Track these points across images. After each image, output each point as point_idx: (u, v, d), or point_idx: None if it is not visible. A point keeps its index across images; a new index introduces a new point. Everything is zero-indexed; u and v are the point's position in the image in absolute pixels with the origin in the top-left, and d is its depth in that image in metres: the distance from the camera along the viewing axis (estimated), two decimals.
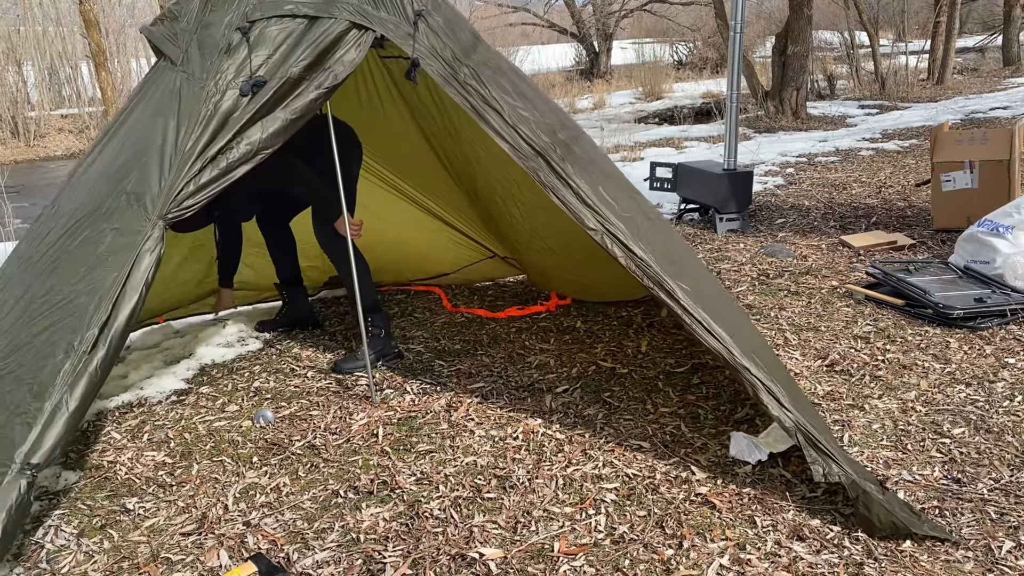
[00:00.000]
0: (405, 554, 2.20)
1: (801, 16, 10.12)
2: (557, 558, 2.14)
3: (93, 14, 10.82)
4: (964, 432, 2.68)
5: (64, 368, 2.14)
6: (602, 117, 13.40)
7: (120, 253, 2.29)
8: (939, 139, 5.06)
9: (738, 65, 5.52)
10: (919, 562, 2.05)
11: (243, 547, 2.26)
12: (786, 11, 11.07)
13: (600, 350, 3.49)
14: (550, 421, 2.88)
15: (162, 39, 2.60)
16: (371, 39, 2.57)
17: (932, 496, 2.34)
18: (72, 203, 2.52)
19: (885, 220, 5.47)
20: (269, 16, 2.52)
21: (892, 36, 19.31)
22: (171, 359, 3.63)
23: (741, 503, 2.33)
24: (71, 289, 2.26)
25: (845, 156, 8.16)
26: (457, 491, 2.48)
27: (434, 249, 4.45)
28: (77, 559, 2.25)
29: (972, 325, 3.52)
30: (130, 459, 2.79)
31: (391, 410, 3.04)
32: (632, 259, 2.43)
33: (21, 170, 12.37)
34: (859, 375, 3.13)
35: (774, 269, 4.52)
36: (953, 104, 11.86)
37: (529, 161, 2.51)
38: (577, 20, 22.32)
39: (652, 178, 6.17)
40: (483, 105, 2.52)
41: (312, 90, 2.50)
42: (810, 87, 12.48)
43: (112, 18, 15.80)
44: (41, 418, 2.09)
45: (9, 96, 15.03)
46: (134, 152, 2.45)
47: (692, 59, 20.98)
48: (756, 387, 2.30)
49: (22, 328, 2.26)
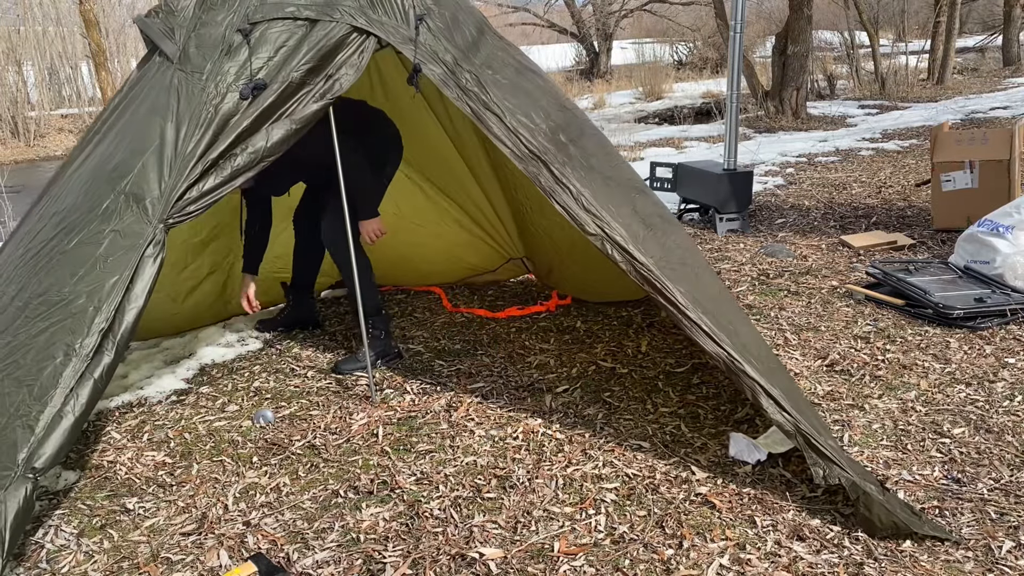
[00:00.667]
0: (405, 554, 2.20)
1: (801, 16, 10.11)
2: (557, 558, 2.15)
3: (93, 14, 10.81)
4: (964, 432, 2.68)
5: (65, 371, 2.14)
6: (602, 117, 13.39)
7: (120, 256, 2.28)
8: (939, 139, 5.06)
9: (738, 65, 5.52)
10: (919, 562, 2.05)
11: (243, 547, 2.26)
12: (786, 11, 11.07)
13: (600, 350, 3.49)
14: (550, 421, 2.88)
15: (159, 34, 2.56)
16: (373, 44, 2.56)
17: (932, 496, 2.34)
18: (65, 201, 2.49)
19: (885, 220, 5.47)
20: (270, 18, 2.51)
21: (892, 36, 19.32)
22: (171, 359, 3.63)
23: (741, 503, 2.34)
24: (70, 290, 2.25)
25: (845, 156, 8.16)
26: (457, 491, 2.48)
27: (466, 250, 4.42)
28: (77, 559, 2.25)
29: (972, 325, 3.52)
30: (130, 459, 2.79)
31: (391, 410, 3.04)
32: (631, 263, 2.43)
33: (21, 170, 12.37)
34: (859, 375, 3.13)
35: (774, 269, 4.52)
36: (953, 104, 11.86)
37: (530, 166, 2.50)
38: (577, 20, 22.32)
39: (652, 178, 6.17)
40: (483, 110, 2.51)
41: (315, 100, 2.49)
42: (810, 87, 12.48)
43: (112, 18, 15.81)
44: (43, 421, 2.08)
45: (9, 96, 15.03)
46: (131, 151, 2.43)
47: (692, 59, 20.98)
48: (755, 391, 2.30)
49: (20, 328, 2.25)
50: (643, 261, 2.42)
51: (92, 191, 2.43)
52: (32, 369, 2.16)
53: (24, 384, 2.14)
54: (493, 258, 4.46)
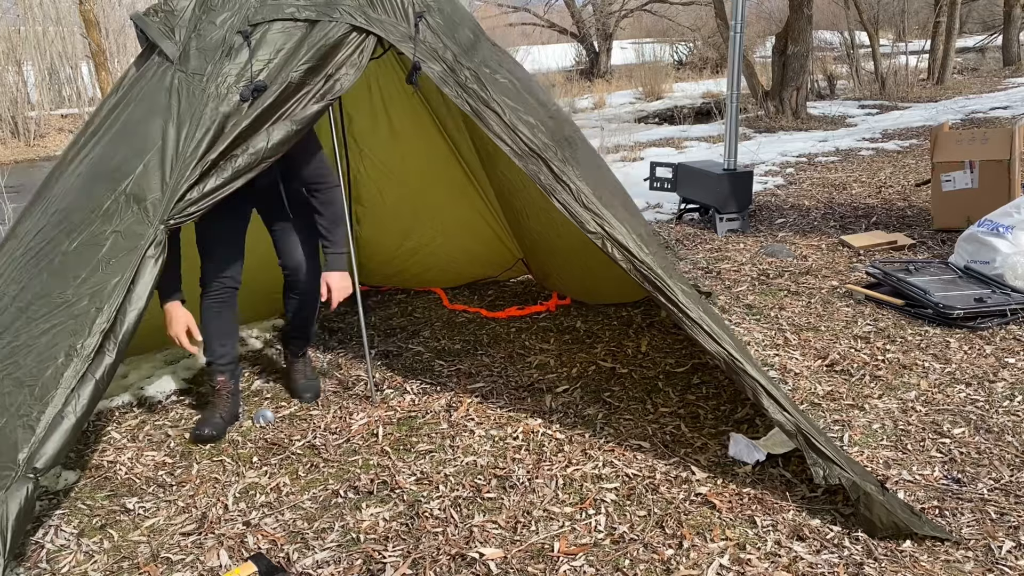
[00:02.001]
0: (405, 554, 2.20)
1: (801, 16, 10.11)
2: (557, 558, 2.15)
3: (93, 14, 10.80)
4: (964, 432, 2.68)
5: (66, 372, 2.14)
6: (602, 117, 13.39)
7: (122, 257, 2.28)
8: (939, 139, 5.06)
9: (738, 65, 5.52)
10: (919, 562, 2.06)
11: (243, 547, 2.26)
12: (786, 11, 11.07)
13: (600, 350, 3.49)
14: (550, 421, 2.88)
15: (159, 33, 2.55)
16: (373, 43, 2.55)
17: (932, 496, 2.34)
18: (65, 200, 2.49)
19: (885, 220, 5.47)
20: (271, 19, 2.51)
21: (892, 36, 19.30)
22: (171, 359, 3.63)
23: (741, 503, 2.34)
24: (72, 291, 2.25)
25: (845, 156, 8.16)
26: (457, 491, 2.48)
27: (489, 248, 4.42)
28: (77, 559, 2.25)
29: (972, 325, 3.52)
30: (130, 459, 2.79)
31: (391, 410, 3.04)
32: (632, 262, 2.43)
33: (21, 170, 12.35)
34: (859, 375, 3.13)
35: (774, 269, 4.52)
36: (953, 104, 11.86)
37: (529, 164, 2.50)
38: (577, 20, 22.31)
39: (652, 178, 6.17)
40: (483, 107, 2.51)
41: (315, 100, 2.49)
42: (810, 87, 12.47)
43: (112, 18, 15.79)
44: (43, 421, 2.09)
45: (9, 96, 15.02)
46: (132, 151, 2.42)
47: (692, 59, 20.97)
48: (756, 390, 2.30)
49: (21, 329, 2.25)
50: (644, 260, 2.42)
51: (92, 191, 2.42)
52: (33, 369, 2.16)
53: (25, 384, 2.14)
54: (505, 257, 4.46)
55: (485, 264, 4.42)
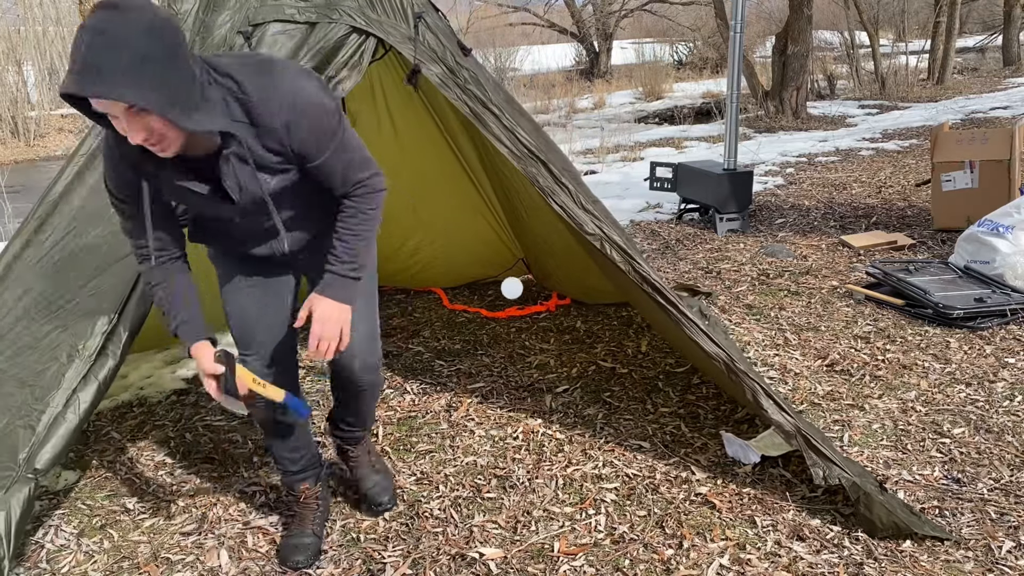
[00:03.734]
0: (405, 554, 2.20)
1: (801, 16, 10.11)
2: (557, 558, 2.15)
3: None
4: (964, 432, 2.68)
5: (68, 373, 2.15)
6: (602, 117, 13.39)
7: (124, 260, 2.29)
8: (939, 139, 5.06)
9: (738, 65, 5.52)
10: (919, 562, 2.06)
11: (243, 547, 2.26)
12: (786, 11, 11.07)
13: (600, 350, 3.49)
14: (550, 421, 2.88)
15: None
16: (373, 44, 2.55)
17: (932, 496, 2.34)
18: (71, 204, 2.50)
19: (885, 220, 5.47)
20: (271, 20, 2.51)
21: (892, 36, 19.29)
22: (171, 359, 3.63)
23: (741, 503, 2.34)
24: (76, 293, 2.26)
25: (845, 156, 8.16)
26: (457, 491, 2.48)
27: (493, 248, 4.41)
28: (77, 559, 2.25)
29: (972, 325, 3.52)
30: (130, 459, 2.79)
31: (391, 410, 3.04)
32: (631, 263, 2.43)
33: (21, 170, 12.36)
34: (859, 375, 3.13)
35: (774, 269, 4.52)
36: (953, 104, 11.86)
37: (528, 166, 2.50)
38: (577, 20, 22.31)
39: (652, 178, 6.17)
40: (482, 109, 2.51)
41: None
42: (810, 87, 12.47)
43: None
44: (44, 422, 2.09)
45: (9, 96, 15.01)
46: None
47: (692, 59, 20.96)
48: (756, 392, 2.31)
49: (24, 330, 2.26)
50: (641, 263, 2.43)
51: (101, 191, 2.43)
52: (35, 370, 2.17)
53: (27, 385, 2.15)
54: (505, 257, 4.46)
55: (485, 264, 4.42)
